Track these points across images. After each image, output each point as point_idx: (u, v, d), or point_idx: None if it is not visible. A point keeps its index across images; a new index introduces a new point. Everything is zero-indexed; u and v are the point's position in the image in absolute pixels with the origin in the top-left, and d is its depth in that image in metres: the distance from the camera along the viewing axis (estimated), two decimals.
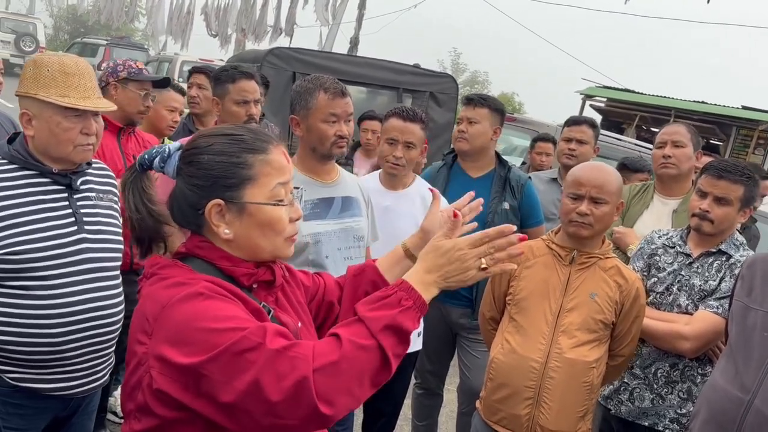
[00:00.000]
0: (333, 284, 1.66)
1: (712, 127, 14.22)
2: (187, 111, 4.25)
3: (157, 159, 1.38)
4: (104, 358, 2.09)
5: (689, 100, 15.46)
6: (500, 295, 2.52)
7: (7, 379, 1.92)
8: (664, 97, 15.94)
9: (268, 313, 1.34)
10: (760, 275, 1.98)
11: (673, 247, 2.66)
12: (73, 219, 1.99)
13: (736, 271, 2.42)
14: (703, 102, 15.19)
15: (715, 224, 2.52)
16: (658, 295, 2.62)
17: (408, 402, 3.39)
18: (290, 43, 18.80)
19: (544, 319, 2.35)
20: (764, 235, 3.61)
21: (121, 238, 2.13)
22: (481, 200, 1.66)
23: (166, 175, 1.40)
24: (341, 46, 18.47)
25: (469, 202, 1.65)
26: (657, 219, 3.11)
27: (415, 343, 2.97)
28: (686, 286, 2.56)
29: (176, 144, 1.40)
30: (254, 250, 1.34)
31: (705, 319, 2.44)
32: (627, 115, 15.83)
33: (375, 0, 18.85)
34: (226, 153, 1.31)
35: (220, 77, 3.01)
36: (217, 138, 1.34)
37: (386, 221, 2.82)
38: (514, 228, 1.35)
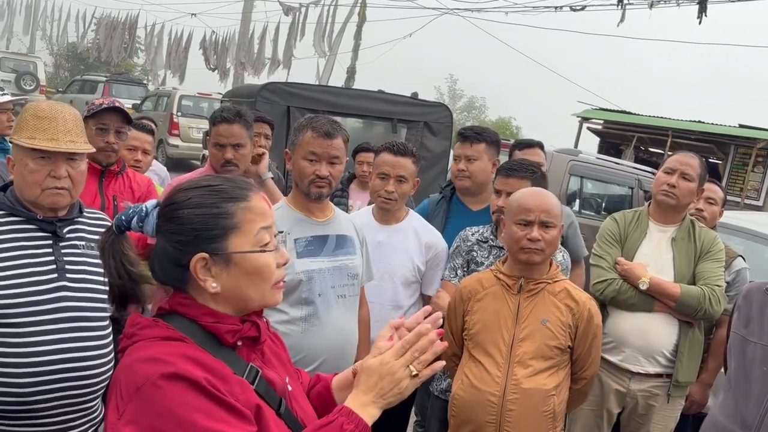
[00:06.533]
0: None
1: (710, 146, 14.25)
2: None
3: (135, 219, 1.33)
4: (83, 413, 1.98)
5: (686, 120, 15.50)
6: (458, 331, 2.51)
7: None
8: (661, 117, 15.98)
9: (256, 375, 1.31)
10: (756, 307, 1.96)
11: (486, 242, 2.88)
12: (54, 267, 1.93)
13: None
14: (700, 122, 15.23)
15: None
16: None
17: None
18: (288, 74, 18.99)
19: (498, 350, 2.34)
20: (755, 253, 3.50)
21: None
22: (439, 313, 1.39)
23: (145, 234, 1.34)
24: (339, 76, 18.66)
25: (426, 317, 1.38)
26: (656, 247, 3.06)
27: None
28: None
29: (153, 202, 1.35)
30: (243, 300, 1.31)
31: None
32: (624, 136, 15.88)
33: (371, 29, 19.04)
34: (206, 205, 1.28)
35: (212, 119, 3.02)
36: (195, 191, 1.30)
37: (380, 256, 2.80)
38: (430, 326, 1.31)
